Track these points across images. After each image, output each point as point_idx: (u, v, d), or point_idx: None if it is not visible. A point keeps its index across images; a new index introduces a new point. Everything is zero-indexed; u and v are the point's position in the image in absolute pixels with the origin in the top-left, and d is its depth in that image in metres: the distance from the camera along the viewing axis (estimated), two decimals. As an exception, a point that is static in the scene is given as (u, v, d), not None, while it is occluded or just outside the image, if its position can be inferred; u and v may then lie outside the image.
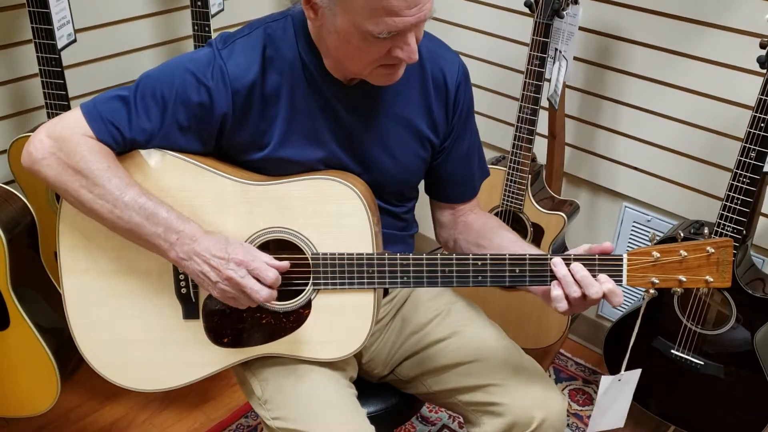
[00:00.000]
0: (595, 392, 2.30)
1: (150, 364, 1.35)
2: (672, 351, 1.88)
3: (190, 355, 1.34)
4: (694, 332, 1.83)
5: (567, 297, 1.21)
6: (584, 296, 1.20)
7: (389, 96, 1.32)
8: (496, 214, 2.06)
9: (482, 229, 1.44)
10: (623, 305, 2.32)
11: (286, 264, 1.22)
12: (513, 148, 1.95)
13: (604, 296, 1.20)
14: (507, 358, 1.42)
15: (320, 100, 1.29)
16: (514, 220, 2.06)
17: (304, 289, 1.28)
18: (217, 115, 1.25)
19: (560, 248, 2.12)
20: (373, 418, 1.35)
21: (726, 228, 1.67)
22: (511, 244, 1.38)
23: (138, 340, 1.34)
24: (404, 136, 1.35)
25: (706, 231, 1.23)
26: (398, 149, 1.36)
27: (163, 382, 1.37)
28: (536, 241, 2.04)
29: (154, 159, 1.27)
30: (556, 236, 2.02)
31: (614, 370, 2.02)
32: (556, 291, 1.21)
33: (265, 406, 1.35)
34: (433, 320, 1.47)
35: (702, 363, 1.85)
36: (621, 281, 1.22)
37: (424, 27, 1.20)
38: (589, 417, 2.20)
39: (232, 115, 1.26)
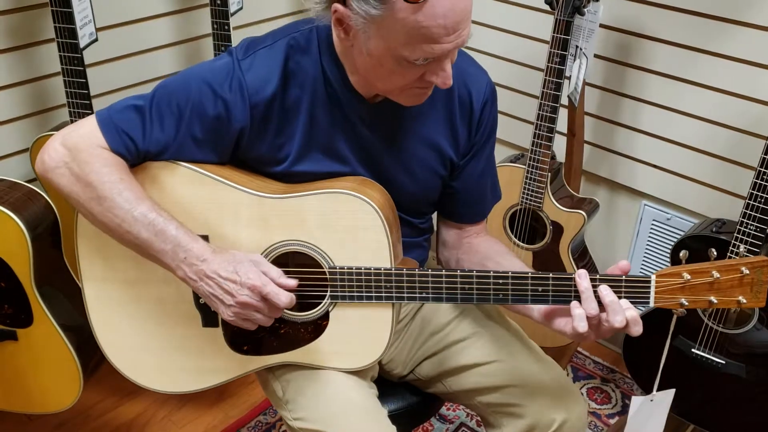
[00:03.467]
0: (613, 391, 2.29)
1: (172, 369, 1.36)
2: (693, 350, 1.87)
3: (210, 362, 1.34)
4: (716, 331, 1.82)
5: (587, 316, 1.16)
6: (601, 322, 1.17)
7: (412, 115, 1.29)
8: (515, 213, 2.06)
9: (489, 251, 1.42)
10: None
11: (293, 282, 1.19)
12: (532, 146, 1.94)
13: (626, 325, 1.15)
14: (527, 360, 1.41)
15: (341, 115, 1.26)
16: (533, 219, 2.06)
17: (322, 301, 1.28)
18: (234, 129, 1.23)
19: (579, 247, 2.11)
20: (393, 417, 1.35)
21: (749, 227, 1.66)
22: (519, 269, 1.32)
23: (159, 346, 1.34)
24: (426, 155, 1.33)
25: (742, 249, 1.19)
26: (418, 168, 1.34)
27: (185, 385, 1.38)
28: (555, 239, 2.03)
29: (168, 171, 1.25)
30: (575, 234, 2.01)
31: (633, 369, 2.01)
32: (578, 310, 1.16)
33: (286, 406, 1.35)
34: (452, 320, 1.47)
35: (723, 362, 1.84)
36: (648, 303, 1.18)
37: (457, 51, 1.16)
38: (607, 416, 2.20)
39: (249, 129, 1.23)
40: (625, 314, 1.15)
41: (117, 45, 1.98)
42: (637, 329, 1.16)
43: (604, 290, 1.16)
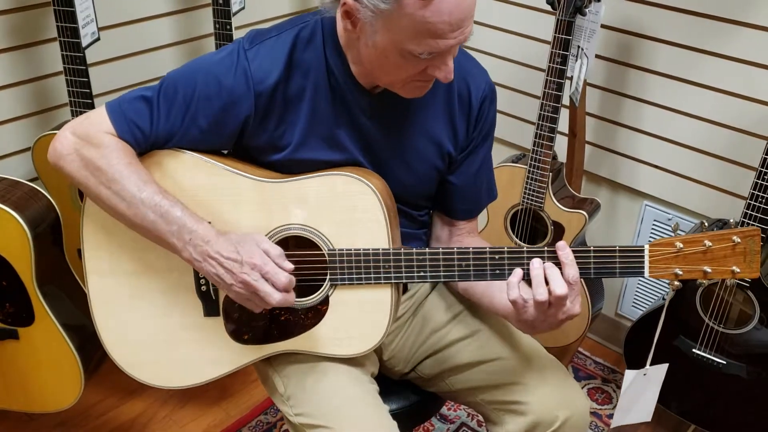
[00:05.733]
0: (614, 391, 2.29)
1: (173, 361, 1.36)
2: (693, 350, 1.87)
3: (212, 353, 1.35)
4: (716, 331, 1.82)
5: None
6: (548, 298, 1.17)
7: (413, 107, 1.32)
8: (516, 213, 2.06)
9: None
10: (643, 305, 2.32)
11: (289, 266, 1.20)
12: (534, 146, 1.94)
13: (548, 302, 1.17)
14: (529, 357, 1.42)
15: (342, 106, 1.28)
16: (535, 219, 2.06)
17: (322, 285, 1.29)
18: (239, 118, 1.25)
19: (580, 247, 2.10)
20: (393, 417, 1.35)
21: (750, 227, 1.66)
22: None
23: (161, 338, 1.35)
24: (424, 148, 1.35)
25: (732, 221, 1.21)
26: (417, 161, 1.35)
27: (187, 379, 1.38)
28: (557, 239, 2.03)
29: (172, 159, 1.28)
30: (576, 234, 2.01)
31: (635, 368, 2.01)
32: (513, 278, 1.19)
33: (287, 402, 1.36)
34: (454, 318, 1.47)
35: (724, 362, 1.84)
36: (643, 273, 1.20)
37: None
38: (608, 416, 2.19)
39: (253, 117, 1.26)
40: (546, 288, 1.16)
41: (119, 44, 1.98)
42: (569, 309, 1.18)
43: (534, 263, 1.18)
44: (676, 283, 1.20)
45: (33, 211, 1.60)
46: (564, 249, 1.19)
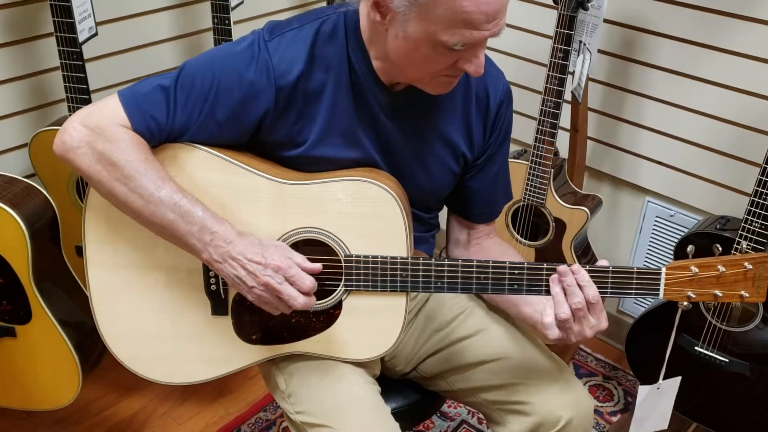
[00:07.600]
0: (615, 388, 2.28)
1: (177, 358, 1.34)
2: (696, 348, 1.86)
3: (217, 351, 1.33)
4: (719, 329, 1.81)
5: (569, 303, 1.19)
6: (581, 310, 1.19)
7: (431, 107, 1.30)
8: (518, 209, 2.05)
9: (498, 256, 1.42)
10: (645, 302, 2.31)
11: (318, 266, 1.20)
12: (535, 141, 1.93)
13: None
14: (533, 357, 1.40)
15: (362, 102, 1.26)
16: (536, 215, 2.04)
17: (336, 289, 1.27)
18: (258, 111, 1.22)
19: (582, 243, 2.10)
20: (394, 415, 1.34)
21: (753, 224, 1.65)
22: None
23: (165, 334, 1.33)
24: (440, 149, 1.33)
25: (744, 245, 1.22)
26: (432, 162, 1.34)
27: (190, 376, 1.36)
28: (558, 236, 2.02)
29: (186, 154, 1.24)
30: (578, 231, 2.00)
31: (636, 366, 2.00)
32: (547, 318, 1.20)
33: (288, 399, 1.34)
34: (457, 317, 1.46)
35: (726, 360, 1.83)
36: (658, 294, 1.20)
37: None
38: (609, 413, 2.19)
39: (272, 111, 1.23)
40: (567, 305, 1.19)
41: (117, 39, 1.97)
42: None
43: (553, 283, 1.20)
44: (686, 304, 1.21)
45: (30, 208, 1.59)
46: (579, 272, 1.19)
